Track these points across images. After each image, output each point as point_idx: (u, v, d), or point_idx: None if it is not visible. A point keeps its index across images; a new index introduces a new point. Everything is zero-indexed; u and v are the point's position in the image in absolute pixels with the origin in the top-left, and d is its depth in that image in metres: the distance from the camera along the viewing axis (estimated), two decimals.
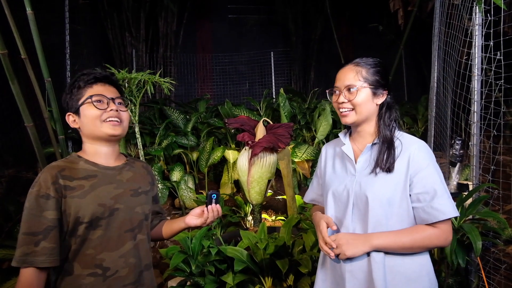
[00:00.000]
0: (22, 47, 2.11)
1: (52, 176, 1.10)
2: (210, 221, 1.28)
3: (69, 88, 1.20)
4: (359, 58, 1.27)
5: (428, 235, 1.15)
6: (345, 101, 1.23)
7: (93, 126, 1.17)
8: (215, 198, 1.28)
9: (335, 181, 1.29)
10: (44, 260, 1.06)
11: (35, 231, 1.06)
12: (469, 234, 1.82)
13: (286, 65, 7.09)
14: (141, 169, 1.31)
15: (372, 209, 1.17)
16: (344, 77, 1.25)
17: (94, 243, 1.12)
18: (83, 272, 1.11)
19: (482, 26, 2.22)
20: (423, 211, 1.15)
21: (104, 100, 1.18)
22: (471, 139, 2.27)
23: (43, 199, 1.07)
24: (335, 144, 1.40)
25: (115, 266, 1.15)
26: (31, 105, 2.39)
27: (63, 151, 2.55)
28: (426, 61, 4.17)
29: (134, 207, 1.21)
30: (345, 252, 1.14)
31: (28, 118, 2.20)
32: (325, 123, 3.88)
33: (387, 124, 1.24)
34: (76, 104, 1.18)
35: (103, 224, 1.13)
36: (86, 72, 1.21)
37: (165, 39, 6.36)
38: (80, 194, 1.11)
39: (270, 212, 3.45)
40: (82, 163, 1.17)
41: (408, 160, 1.18)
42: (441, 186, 1.16)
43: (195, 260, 2.27)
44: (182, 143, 4.01)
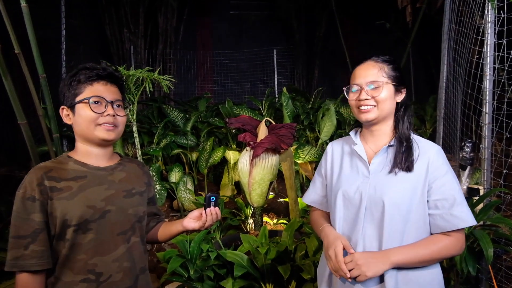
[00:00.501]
0: (15, 41, 2.09)
1: (37, 177, 1.08)
2: (209, 225, 1.27)
3: (68, 79, 1.17)
4: (376, 55, 1.25)
5: (444, 245, 1.15)
6: (368, 97, 1.21)
7: (86, 129, 1.15)
8: (213, 201, 1.26)
9: (344, 182, 1.26)
10: (35, 264, 1.06)
11: (23, 234, 1.06)
12: (480, 241, 1.80)
13: (289, 63, 7.07)
14: (136, 169, 1.29)
15: (389, 214, 1.15)
16: (366, 73, 1.23)
17: (86, 247, 1.11)
18: (75, 278, 1.10)
19: (494, 23, 2.19)
20: (442, 218, 1.15)
21: (103, 103, 1.16)
22: (482, 141, 2.25)
23: (29, 202, 1.07)
24: (343, 143, 1.37)
25: (109, 270, 1.13)
26: (25, 102, 2.38)
27: (57, 150, 2.53)
28: (435, 59, 4.15)
29: (126, 208, 1.19)
30: (366, 273, 1.10)
31: (21, 116, 2.18)
32: (329, 123, 3.86)
33: (406, 123, 1.24)
34: (73, 99, 1.16)
35: (93, 227, 1.11)
36: (89, 66, 1.17)
37: (164, 35, 6.35)
38: (68, 196, 1.10)
39: (272, 215, 3.43)
40: (71, 163, 1.16)
41: (427, 165, 1.18)
42: (460, 193, 1.16)
43: (193, 265, 2.25)
44: (181, 143, 3.99)
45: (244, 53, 6.92)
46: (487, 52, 2.20)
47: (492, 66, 2.21)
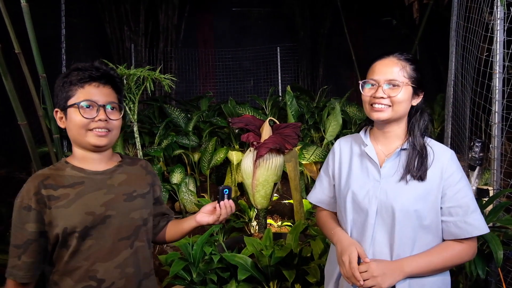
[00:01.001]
0: (16, 40, 2.11)
1: (34, 186, 1.08)
2: (223, 218, 1.25)
3: (61, 80, 1.15)
4: (399, 52, 1.22)
5: (457, 253, 1.16)
6: (384, 96, 1.17)
7: (77, 134, 1.13)
8: (227, 193, 1.25)
9: (354, 184, 1.24)
10: (23, 276, 1.08)
11: (18, 244, 1.08)
12: (490, 243, 1.80)
13: (293, 61, 7.07)
14: (138, 170, 1.26)
15: (399, 221, 1.15)
16: (386, 70, 1.18)
17: (85, 254, 1.10)
18: (76, 286, 1.10)
19: (504, 20, 2.19)
20: (455, 225, 1.15)
21: (94, 107, 1.12)
22: (492, 141, 2.25)
23: (25, 211, 1.07)
24: (352, 142, 1.34)
25: (111, 277, 1.12)
26: (25, 102, 2.40)
27: (58, 151, 2.56)
28: (442, 57, 4.15)
29: (128, 213, 1.17)
30: (381, 285, 1.10)
31: (21, 116, 2.20)
32: (335, 123, 3.86)
33: (421, 129, 1.21)
34: (65, 102, 1.13)
35: (94, 233, 1.11)
36: (81, 67, 1.14)
37: (165, 33, 6.37)
38: (65, 204, 1.09)
39: (276, 217, 3.44)
40: (68, 169, 1.14)
41: (441, 171, 1.17)
42: (473, 200, 1.17)
43: (196, 268, 2.26)
44: (183, 143, 4.01)
45: (246, 51, 6.93)
46: (496, 50, 2.20)
47: (501, 63, 2.20)
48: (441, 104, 4.94)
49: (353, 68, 6.29)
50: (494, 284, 2.13)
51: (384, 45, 6.00)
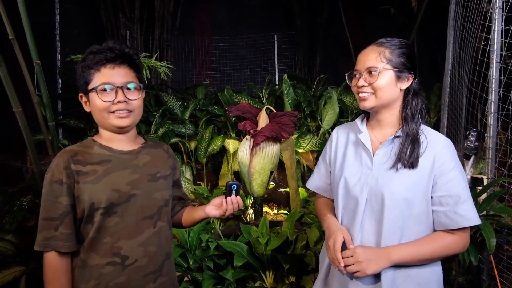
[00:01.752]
0: (9, 26, 2.09)
1: (64, 161, 1.13)
2: (229, 214, 1.26)
3: (79, 65, 1.17)
4: (384, 38, 1.21)
5: (447, 244, 1.14)
6: (365, 84, 1.18)
7: (100, 117, 1.17)
8: (235, 189, 1.25)
9: (347, 171, 1.25)
10: (63, 245, 1.11)
11: (52, 216, 1.11)
12: (483, 230, 1.83)
13: (290, 49, 7.02)
14: (161, 153, 1.29)
15: (388, 209, 1.14)
16: (365, 59, 1.20)
17: (111, 231, 1.14)
18: (101, 261, 1.14)
19: (502, 9, 2.18)
20: (445, 215, 1.13)
21: (113, 89, 1.13)
22: (487, 130, 2.26)
23: (57, 185, 1.11)
24: (349, 129, 1.34)
25: (134, 254, 1.16)
26: (19, 89, 2.38)
27: (53, 139, 2.55)
28: (440, 46, 4.14)
29: (152, 193, 1.20)
30: (365, 271, 1.10)
31: (16, 103, 2.20)
32: (331, 112, 3.87)
33: (413, 113, 1.19)
34: (85, 87, 1.16)
35: (118, 210, 1.14)
36: (96, 50, 1.15)
37: (161, 21, 6.29)
38: (93, 179, 1.13)
39: (272, 206, 3.47)
40: (96, 147, 1.18)
41: (433, 159, 1.15)
42: (465, 191, 1.14)
43: (192, 255, 2.28)
44: (180, 131, 4.01)
45: (243, 39, 6.87)
46: (494, 39, 2.20)
47: (498, 53, 2.21)
48: (437, 94, 4.95)
49: (350, 57, 6.27)
50: (486, 271, 2.17)
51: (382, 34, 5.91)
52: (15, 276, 2.23)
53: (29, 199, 2.72)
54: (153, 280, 1.19)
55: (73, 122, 4.17)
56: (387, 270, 1.14)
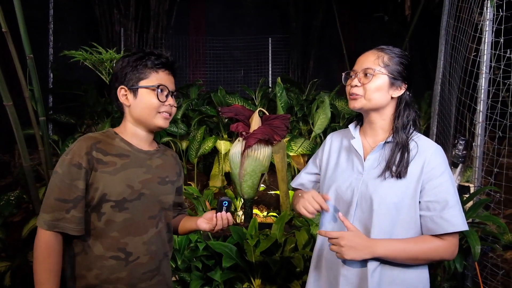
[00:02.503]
0: (3, 19, 2.07)
1: (87, 146, 1.15)
2: (219, 228, 1.30)
3: (134, 61, 1.21)
4: (385, 45, 1.23)
5: (435, 247, 1.14)
6: (358, 84, 1.20)
7: (147, 115, 1.21)
8: (226, 206, 1.28)
9: (339, 177, 1.27)
10: (73, 228, 1.12)
11: (66, 198, 1.12)
12: (468, 238, 1.86)
13: (284, 52, 7.05)
14: (170, 159, 1.35)
15: (377, 213, 1.15)
16: (363, 60, 1.22)
17: (119, 226, 1.17)
18: (106, 254, 1.16)
19: (493, 21, 2.24)
20: (432, 220, 1.14)
21: (165, 92, 1.22)
22: (475, 139, 2.31)
23: (75, 168, 1.13)
24: (343, 136, 1.36)
25: (138, 252, 1.19)
26: (10, 83, 2.35)
27: (43, 134, 2.52)
28: (432, 55, 4.20)
29: (159, 195, 1.25)
30: (343, 255, 1.12)
31: (7, 97, 2.17)
32: (323, 116, 3.89)
33: (404, 124, 1.20)
34: (136, 83, 1.21)
35: (129, 207, 1.17)
36: (157, 53, 1.23)
37: (156, 19, 6.27)
38: (111, 171, 1.16)
39: (262, 208, 3.48)
40: (118, 140, 1.22)
41: (422, 165, 1.16)
42: (453, 196, 1.14)
43: (181, 255, 2.28)
44: (171, 131, 3.99)
45: (238, 40, 6.88)
46: (484, 50, 2.25)
47: (488, 64, 2.26)
48: (428, 101, 5.02)
49: (343, 62, 6.32)
50: (471, 278, 2.22)
51: (375, 40, 6.03)
52: (0, 271, 2.20)
53: (16, 194, 2.68)
54: (150, 278, 1.22)
55: (64, 118, 4.13)
56: (374, 273, 1.14)
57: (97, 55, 2.60)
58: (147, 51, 1.23)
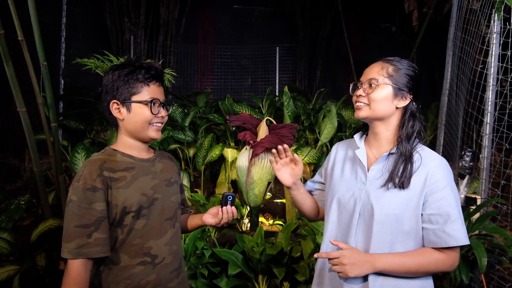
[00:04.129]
0: (19, 28, 2.13)
1: (96, 169, 1.17)
2: (224, 222, 1.36)
3: (125, 75, 1.22)
4: (394, 57, 1.25)
5: (434, 260, 1.15)
6: (362, 94, 1.23)
7: (140, 127, 1.24)
8: (230, 200, 1.35)
9: (342, 187, 1.28)
10: (99, 251, 1.14)
11: (86, 223, 1.14)
12: (475, 250, 1.86)
13: (291, 61, 7.10)
14: (168, 161, 1.40)
15: (377, 223, 1.16)
16: (369, 71, 1.24)
17: (140, 232, 1.21)
18: (132, 262, 1.21)
19: (500, 34, 2.25)
20: (434, 234, 1.15)
21: (157, 104, 1.24)
22: (482, 151, 2.31)
23: (90, 192, 1.15)
24: (348, 145, 1.38)
25: (162, 253, 1.25)
26: (23, 89, 2.41)
27: (55, 139, 2.57)
28: (439, 66, 4.21)
29: (170, 196, 1.31)
30: (347, 273, 1.12)
31: (21, 103, 2.22)
32: (330, 125, 3.91)
33: (409, 134, 1.21)
34: (128, 96, 1.23)
35: (146, 213, 1.22)
36: (146, 66, 1.24)
37: (165, 27, 6.37)
38: (125, 185, 1.20)
39: (268, 216, 3.49)
40: (119, 155, 1.25)
41: (425, 177, 1.16)
42: (456, 210, 1.15)
43: (187, 262, 2.30)
44: (179, 138, 4.03)
45: (246, 49, 6.95)
46: (491, 63, 2.27)
47: (495, 76, 2.27)
48: (435, 112, 5.02)
49: (350, 72, 6.35)
50: None
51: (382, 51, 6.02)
52: (9, 274, 2.23)
53: (26, 198, 2.73)
54: (176, 276, 1.29)
55: (73, 124, 4.19)
56: (375, 282, 1.16)
57: (109, 63, 2.65)
58: (137, 64, 1.24)
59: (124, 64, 1.25)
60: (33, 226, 2.59)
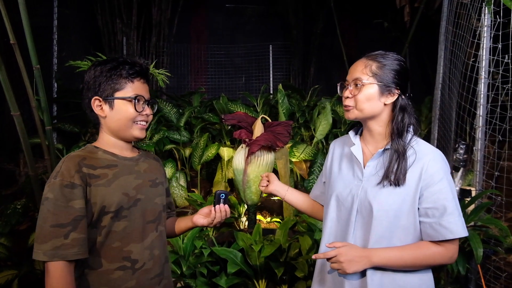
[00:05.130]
0: (11, 31, 2.12)
1: (74, 164, 1.11)
2: (217, 222, 1.30)
3: (108, 70, 1.17)
4: (378, 51, 1.23)
5: (431, 254, 1.15)
6: (349, 96, 1.22)
7: (124, 125, 1.19)
8: (223, 198, 1.30)
9: (340, 183, 1.29)
10: (76, 253, 1.06)
11: (63, 223, 1.06)
12: (470, 241, 1.88)
13: (285, 59, 7.11)
14: (154, 161, 1.34)
15: (376, 219, 1.16)
16: (353, 70, 1.22)
17: (120, 235, 1.14)
18: (111, 267, 1.13)
19: (491, 27, 2.27)
20: (431, 227, 1.14)
21: (141, 101, 1.20)
22: (476, 143, 2.34)
23: (68, 189, 1.07)
24: (344, 142, 1.37)
25: (142, 258, 1.18)
26: (16, 93, 2.40)
27: (49, 143, 2.56)
28: (431, 60, 4.25)
29: (153, 198, 1.24)
30: (345, 270, 1.13)
31: (14, 107, 2.21)
32: (325, 122, 3.92)
33: (399, 129, 1.20)
34: (111, 93, 1.17)
35: (127, 214, 1.15)
36: (130, 62, 1.20)
37: (158, 28, 6.34)
38: (105, 183, 1.13)
39: (265, 213, 3.50)
40: (100, 153, 1.19)
41: (420, 172, 1.16)
42: (452, 203, 1.14)
43: (186, 261, 2.30)
44: (174, 138, 4.03)
45: (239, 48, 6.95)
46: (483, 56, 2.29)
47: (487, 69, 2.29)
48: (428, 106, 5.05)
49: (344, 68, 6.37)
50: (474, 281, 2.23)
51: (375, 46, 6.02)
52: (7, 279, 2.23)
53: (22, 202, 2.72)
54: (158, 282, 1.22)
55: (68, 127, 4.17)
56: (374, 276, 1.16)
57: None
58: (120, 60, 1.19)
59: (107, 60, 1.20)
60: (30, 230, 2.59)
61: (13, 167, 3.84)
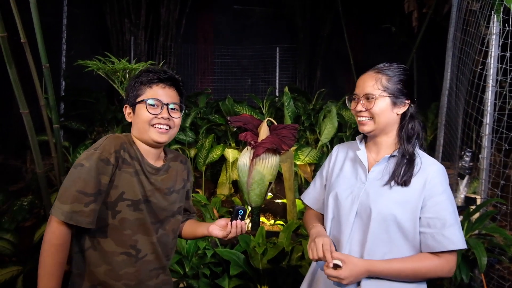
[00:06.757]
0: (22, 30, 2.14)
1: (115, 144, 1.20)
2: (232, 236, 1.32)
3: (133, 79, 1.29)
4: (382, 63, 1.27)
5: (432, 266, 1.15)
6: (363, 109, 1.24)
7: (142, 129, 1.25)
8: (241, 214, 1.31)
9: (341, 184, 1.30)
10: (89, 222, 1.14)
11: (88, 192, 1.14)
12: (474, 249, 1.88)
13: (291, 62, 7.12)
14: (178, 166, 1.38)
15: (374, 222, 1.17)
16: (363, 85, 1.25)
17: (132, 224, 1.22)
18: (117, 250, 1.21)
19: (499, 36, 2.27)
20: (432, 237, 1.15)
21: (159, 105, 1.25)
22: (482, 151, 2.33)
23: (103, 163, 1.16)
24: (348, 147, 1.39)
25: (146, 249, 1.25)
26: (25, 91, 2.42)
27: (57, 141, 2.59)
28: (439, 66, 4.23)
29: (164, 205, 1.30)
30: (343, 281, 1.14)
31: (24, 105, 2.23)
32: (330, 125, 3.92)
33: (409, 136, 1.23)
34: (134, 99, 1.27)
35: (143, 208, 1.23)
36: (152, 70, 1.28)
37: (166, 28, 6.38)
38: (132, 173, 1.22)
39: (269, 216, 3.50)
40: (135, 148, 1.27)
41: (425, 181, 1.18)
42: (453, 215, 1.16)
43: (189, 262, 2.31)
44: (180, 138, 4.05)
45: (246, 50, 6.97)
46: (491, 64, 2.28)
47: (495, 77, 2.29)
48: (435, 112, 5.03)
49: (350, 72, 6.37)
50: None
51: (382, 51, 6.08)
52: (12, 275, 2.25)
53: (29, 199, 2.75)
54: (156, 275, 1.29)
55: (75, 125, 4.21)
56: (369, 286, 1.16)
57: (111, 65, 2.66)
58: (144, 69, 1.29)
59: (139, 71, 1.30)
60: (35, 227, 2.61)
61: (20, 164, 3.87)
